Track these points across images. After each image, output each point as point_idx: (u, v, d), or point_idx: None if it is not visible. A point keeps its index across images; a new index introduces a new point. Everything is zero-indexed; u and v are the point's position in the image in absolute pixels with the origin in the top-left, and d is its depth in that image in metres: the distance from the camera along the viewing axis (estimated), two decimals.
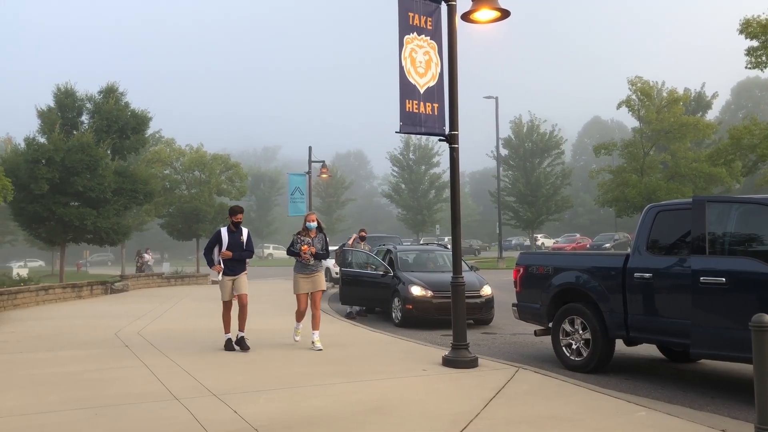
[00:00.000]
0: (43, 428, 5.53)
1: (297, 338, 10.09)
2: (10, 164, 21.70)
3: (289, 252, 9.84)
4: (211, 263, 9.60)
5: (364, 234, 17.39)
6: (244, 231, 9.72)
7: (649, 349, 9.79)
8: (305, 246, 9.55)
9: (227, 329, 9.72)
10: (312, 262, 9.62)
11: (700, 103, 53.62)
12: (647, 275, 7.66)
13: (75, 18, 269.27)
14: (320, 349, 9.36)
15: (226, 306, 9.77)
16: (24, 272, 35.37)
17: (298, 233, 9.76)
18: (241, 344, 9.57)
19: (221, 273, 9.54)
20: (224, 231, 9.63)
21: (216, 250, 9.67)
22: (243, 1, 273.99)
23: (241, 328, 9.67)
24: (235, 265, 9.61)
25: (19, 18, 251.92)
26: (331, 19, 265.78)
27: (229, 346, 9.55)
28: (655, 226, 7.91)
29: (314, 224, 9.70)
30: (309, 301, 9.79)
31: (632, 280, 7.83)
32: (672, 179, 35.80)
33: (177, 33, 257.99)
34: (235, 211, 9.75)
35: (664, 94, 38.37)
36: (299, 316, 9.95)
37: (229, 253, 9.50)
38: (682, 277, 7.22)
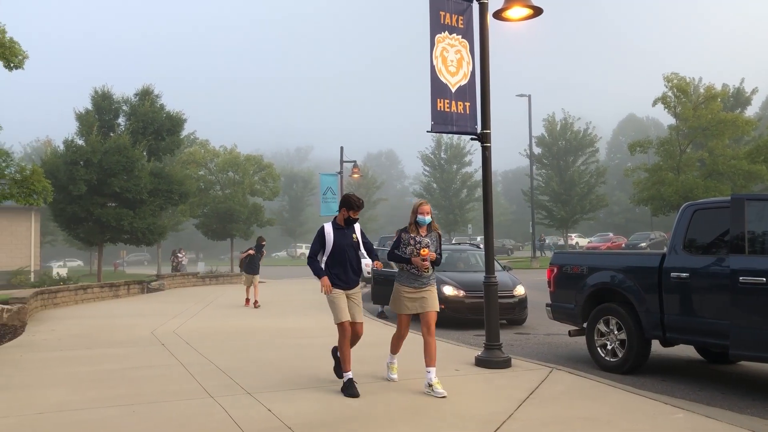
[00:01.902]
0: (83, 424, 5.65)
1: (393, 375, 7.35)
2: (49, 166, 22.19)
3: (393, 257, 7.08)
4: (319, 273, 6.94)
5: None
6: (356, 226, 7.17)
7: (686, 350, 9.62)
8: (425, 250, 6.84)
9: (347, 365, 6.80)
10: (430, 271, 6.95)
11: (739, 99, 52.48)
12: (684, 275, 7.53)
13: (112, 26, 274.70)
14: (443, 396, 6.49)
15: (343, 330, 6.87)
16: (63, 272, 36.22)
17: (405, 230, 7.12)
18: (348, 390, 6.65)
19: (328, 287, 6.88)
20: (329, 228, 7.04)
21: (322, 256, 7.14)
22: (275, 6, 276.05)
23: (347, 367, 6.90)
24: (348, 274, 6.99)
25: (59, 27, 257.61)
26: (363, 21, 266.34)
27: (350, 389, 6.62)
28: (692, 225, 7.77)
29: (429, 219, 7.04)
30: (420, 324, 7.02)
31: (669, 279, 7.70)
32: (709, 177, 35.08)
33: (210, 38, 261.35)
34: (352, 203, 6.97)
35: (702, 91, 37.64)
36: (396, 344, 7.34)
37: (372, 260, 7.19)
38: (720, 277, 7.09)
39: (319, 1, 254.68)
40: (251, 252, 17.63)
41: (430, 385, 6.64)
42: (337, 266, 6.97)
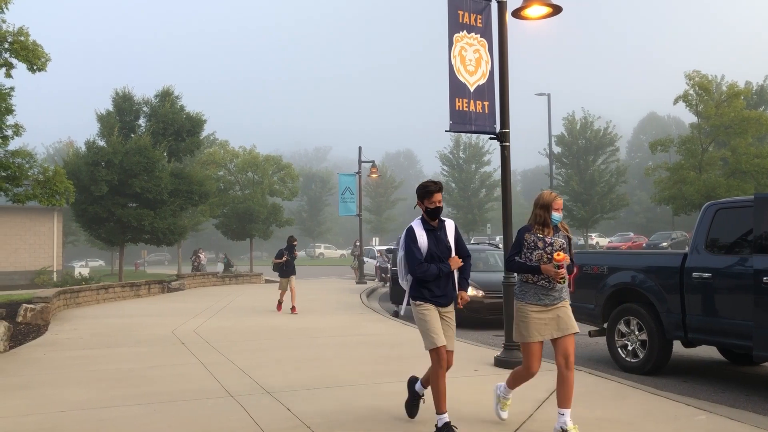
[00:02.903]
0: (105, 422, 5.71)
1: (503, 414, 5.75)
2: (71, 167, 22.43)
3: (515, 266, 5.46)
4: (432, 270, 5.40)
5: None
6: (449, 224, 5.64)
7: (708, 351, 9.50)
8: (560, 253, 5.21)
9: (442, 405, 5.30)
10: (565, 281, 5.36)
11: (763, 96, 51.76)
12: (706, 275, 7.44)
13: (134, 28, 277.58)
14: None
15: (438, 359, 5.29)
16: (85, 272, 36.65)
17: (527, 230, 5.49)
18: None
19: (418, 301, 5.42)
20: (418, 227, 5.52)
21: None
22: (296, 7, 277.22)
23: (442, 407, 5.31)
24: (444, 286, 5.47)
25: (81, 29, 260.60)
26: (382, 21, 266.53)
27: None
28: (715, 225, 7.68)
29: (560, 217, 5.49)
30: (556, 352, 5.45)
31: (691, 279, 7.62)
32: (732, 176, 34.61)
33: (231, 40, 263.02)
34: (429, 190, 5.48)
35: (724, 88, 37.14)
36: (520, 381, 5.63)
37: (457, 262, 5.51)
38: (743, 277, 6.99)
39: (339, 1, 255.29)
40: (286, 257, 15.74)
41: (564, 431, 5.18)
42: None
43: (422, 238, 5.44)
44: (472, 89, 8.36)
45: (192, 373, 7.95)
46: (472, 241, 47.28)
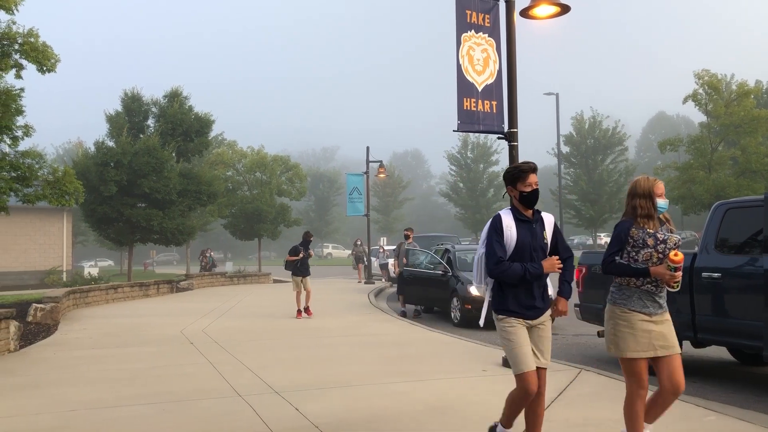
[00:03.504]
0: (114, 422, 5.73)
1: None
2: (81, 167, 22.55)
3: (618, 269, 4.51)
4: (517, 270, 4.37)
5: (407, 233, 17.17)
6: (547, 218, 4.61)
7: (718, 352, 9.46)
8: (677, 253, 4.32)
9: None
10: (678, 287, 4.43)
11: None
12: (716, 275, 7.40)
13: (142, 29, 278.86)
14: None
15: (525, 385, 4.31)
16: (95, 271, 36.81)
17: (629, 223, 4.54)
18: None
19: (501, 315, 4.47)
20: (508, 219, 4.45)
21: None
22: (303, 6, 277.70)
23: None
24: (535, 295, 4.45)
25: (90, 30, 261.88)
26: (388, 20, 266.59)
27: None
28: (724, 224, 7.64)
29: (666, 204, 4.56)
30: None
31: (700, 279, 7.58)
32: (742, 175, 34.44)
33: (239, 40, 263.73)
34: (522, 169, 4.54)
35: (734, 87, 36.94)
36: (638, 408, 4.53)
37: (555, 263, 4.44)
38: (753, 277, 6.95)
39: (343, 1, 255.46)
40: (302, 254, 14.62)
41: None
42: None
43: (511, 230, 4.37)
44: (480, 89, 8.35)
45: (201, 372, 7.97)
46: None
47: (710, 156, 35.44)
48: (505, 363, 8.10)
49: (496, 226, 4.44)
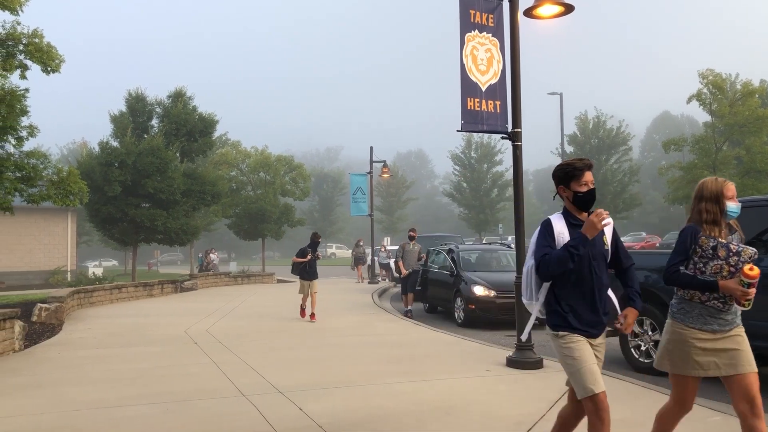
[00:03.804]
0: (119, 421, 5.74)
1: None
2: (85, 167, 22.61)
3: (681, 280, 4.13)
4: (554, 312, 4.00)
5: (412, 234, 16.83)
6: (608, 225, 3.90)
7: None
8: (753, 267, 3.94)
9: None
10: (750, 305, 4.11)
11: None
12: None
13: (146, 29, 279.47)
14: None
15: (597, 409, 3.83)
16: (99, 271, 36.93)
17: (696, 231, 4.12)
18: None
19: (562, 332, 3.93)
20: (560, 224, 3.96)
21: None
22: (306, 6, 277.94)
23: None
24: (596, 308, 3.97)
25: (94, 30, 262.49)
26: (390, 20, 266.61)
27: None
28: None
29: (738, 208, 4.15)
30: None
31: None
32: (747, 175, 34.36)
33: (243, 40, 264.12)
34: (576, 167, 3.94)
35: (738, 87, 36.89)
36: (672, 422, 4.43)
37: (601, 215, 3.77)
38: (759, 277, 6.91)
39: (350, 1, 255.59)
40: (310, 256, 13.85)
41: None
42: (573, 293, 3.91)
43: (563, 237, 3.87)
44: (483, 89, 8.34)
45: (205, 372, 7.98)
46: (484, 241, 47.18)
47: (715, 156, 35.37)
48: (509, 363, 8.09)
49: (547, 230, 3.93)
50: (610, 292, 4.09)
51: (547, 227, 3.95)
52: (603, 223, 3.74)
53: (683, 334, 4.12)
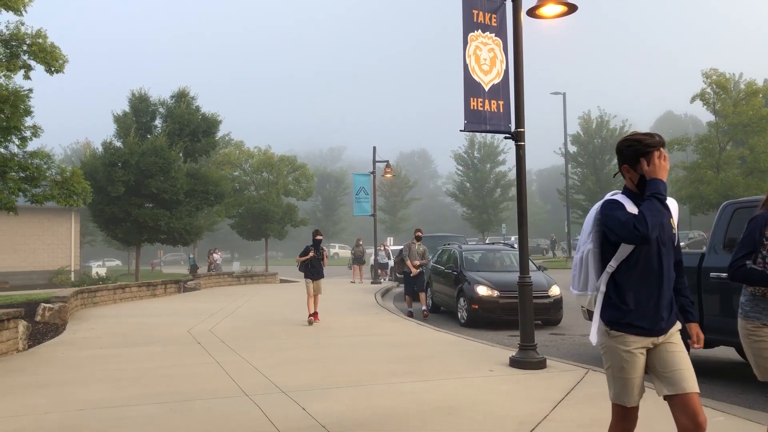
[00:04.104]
0: (122, 421, 5.75)
1: None
2: (88, 167, 22.66)
3: (749, 275, 3.92)
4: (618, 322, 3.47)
5: (419, 234, 16.66)
6: (672, 203, 3.50)
7: (726, 352, 9.41)
8: None
9: None
10: None
11: None
12: (724, 275, 7.36)
13: (149, 29, 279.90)
14: None
15: (620, 416, 3.78)
16: (102, 271, 37.01)
17: (764, 215, 4.15)
18: None
19: (616, 332, 3.44)
20: (625, 200, 3.48)
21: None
22: (309, 6, 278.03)
23: None
24: (660, 303, 3.42)
25: (98, 31, 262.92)
26: (393, 20, 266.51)
27: None
28: (733, 224, 7.60)
29: None
30: None
31: (708, 279, 7.55)
32: (750, 175, 34.31)
33: (245, 40, 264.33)
34: (647, 143, 3.43)
35: (742, 87, 36.80)
36: None
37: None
38: None
39: (351, 0, 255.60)
40: (312, 254, 13.68)
41: None
42: (638, 284, 3.41)
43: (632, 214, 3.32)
44: (486, 88, 8.34)
45: (208, 372, 7.99)
46: (487, 241, 47.14)
47: (718, 155, 35.33)
48: (512, 363, 8.09)
49: (617, 205, 3.41)
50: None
51: (616, 203, 3.43)
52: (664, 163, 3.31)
53: (763, 333, 3.82)
